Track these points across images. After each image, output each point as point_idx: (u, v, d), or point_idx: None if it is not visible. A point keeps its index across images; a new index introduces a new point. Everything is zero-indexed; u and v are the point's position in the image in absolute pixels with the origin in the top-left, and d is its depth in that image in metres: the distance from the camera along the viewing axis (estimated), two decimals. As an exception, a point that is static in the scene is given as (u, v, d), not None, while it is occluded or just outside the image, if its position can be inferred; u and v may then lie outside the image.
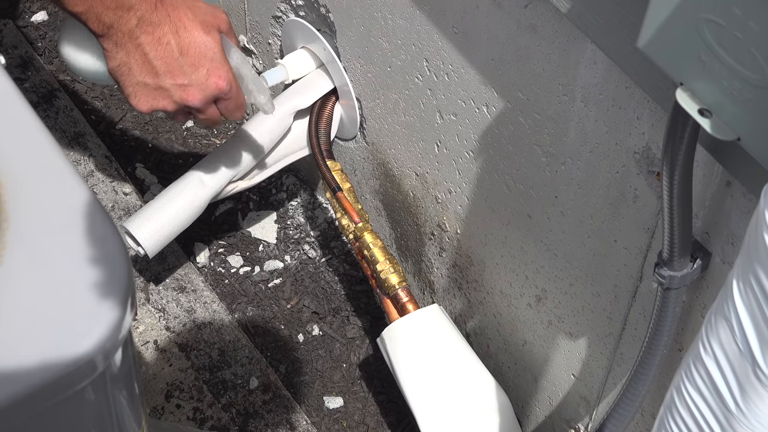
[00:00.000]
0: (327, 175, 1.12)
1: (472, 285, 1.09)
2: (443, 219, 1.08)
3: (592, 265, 0.85)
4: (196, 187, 1.11)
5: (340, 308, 1.29)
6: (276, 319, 1.27)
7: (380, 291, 1.08)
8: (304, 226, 1.36)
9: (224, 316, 1.24)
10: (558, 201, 0.85)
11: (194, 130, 1.45)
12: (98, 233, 0.53)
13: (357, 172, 1.23)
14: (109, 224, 0.55)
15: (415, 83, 0.98)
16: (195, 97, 0.80)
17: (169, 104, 0.80)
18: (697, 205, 0.67)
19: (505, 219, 0.95)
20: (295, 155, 1.19)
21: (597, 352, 0.90)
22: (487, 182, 0.95)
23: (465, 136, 0.95)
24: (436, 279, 1.17)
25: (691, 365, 0.51)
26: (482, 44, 0.85)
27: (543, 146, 0.83)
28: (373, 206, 1.24)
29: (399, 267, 1.07)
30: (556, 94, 0.78)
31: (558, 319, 0.94)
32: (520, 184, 0.89)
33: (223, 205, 1.37)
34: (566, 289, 0.91)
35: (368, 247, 1.07)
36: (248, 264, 1.32)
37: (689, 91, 0.50)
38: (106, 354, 0.50)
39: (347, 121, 1.17)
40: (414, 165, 1.09)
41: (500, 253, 0.99)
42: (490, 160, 0.93)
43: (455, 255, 1.09)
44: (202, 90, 0.80)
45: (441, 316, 1.04)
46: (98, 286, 0.51)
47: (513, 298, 1.01)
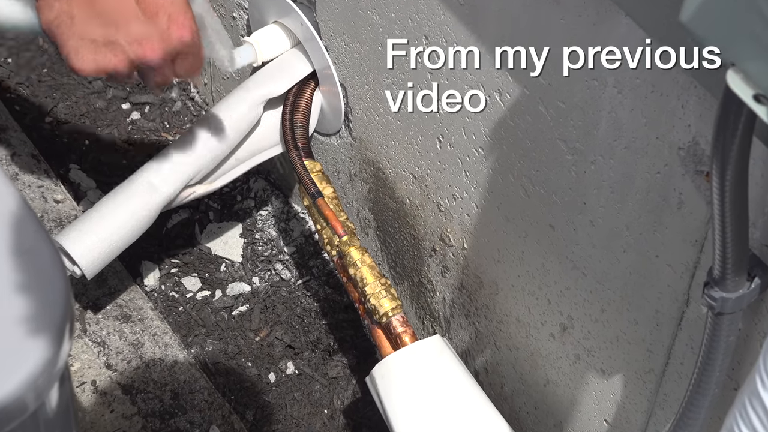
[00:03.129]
0: (305, 178, 1.12)
1: (483, 312, 1.09)
2: (447, 231, 1.08)
3: (629, 287, 0.85)
4: (145, 193, 1.10)
5: (320, 341, 1.29)
6: (242, 355, 1.27)
7: (370, 320, 1.07)
8: (276, 240, 1.36)
9: (178, 351, 1.24)
10: (586, 208, 0.85)
11: (141, 124, 1.46)
12: (28, 247, 0.53)
13: (341, 175, 1.23)
14: (43, 236, 0.55)
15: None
16: (154, 52, 0.77)
17: (121, 62, 0.77)
18: (755, 213, 0.67)
19: (523, 231, 0.95)
20: (266, 154, 1.18)
21: (635, 392, 0.91)
22: (501, 186, 0.95)
23: (473, 130, 0.95)
24: (438, 305, 1.17)
25: (746, 403, 0.51)
26: (493, 18, 0.85)
27: (568, 141, 0.84)
28: (361, 216, 1.23)
29: (393, 290, 1.07)
30: (584, 78, 0.78)
31: (587, 352, 0.95)
32: (540, 188, 0.90)
33: (177, 215, 1.36)
34: (597, 315, 0.91)
35: (355, 265, 1.07)
36: (207, 287, 1.32)
37: (742, 73, 0.49)
38: (39, 392, 0.50)
39: (329, 112, 1.18)
40: (411, 165, 1.09)
41: (516, 273, 0.99)
42: (504, 159, 0.92)
43: (461, 275, 1.09)
44: (163, 42, 0.77)
45: (444, 349, 1.04)
46: (29, 312, 0.51)
47: (532, 327, 1.01)
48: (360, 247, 1.09)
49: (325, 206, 1.10)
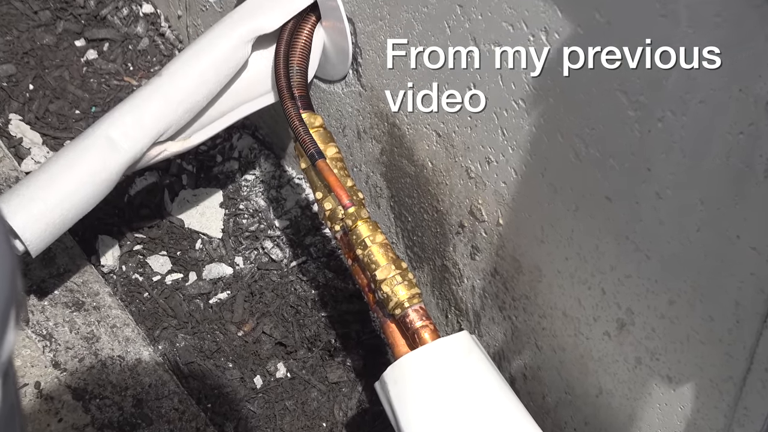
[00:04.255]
0: (302, 135, 1.11)
1: (521, 303, 1.08)
2: (478, 203, 1.07)
3: (703, 274, 0.85)
4: (103, 150, 1.10)
5: (318, 337, 1.28)
6: (221, 353, 1.27)
7: (381, 312, 1.07)
8: (264, 212, 1.35)
9: (142, 347, 1.24)
10: (652, 176, 0.85)
11: (99, 65, 1.46)
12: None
13: (347, 131, 1.22)
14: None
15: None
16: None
17: None
18: None
19: (572, 203, 0.95)
20: (254, 104, 1.18)
21: (709, 405, 0.90)
22: (546, 147, 0.94)
23: (512, 78, 0.94)
24: (466, 294, 1.16)
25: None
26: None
27: (630, 93, 0.83)
28: (372, 183, 1.22)
29: (410, 275, 1.06)
30: (651, 13, 0.78)
31: (650, 355, 0.94)
32: (595, 150, 0.89)
33: (143, 179, 1.35)
34: (663, 309, 0.90)
35: (363, 244, 1.06)
36: (179, 269, 1.31)
37: None
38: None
39: (333, 54, 1.17)
40: (434, 120, 1.08)
41: (564, 255, 0.99)
42: (551, 114, 0.92)
43: (495, 257, 1.09)
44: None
45: (473, 349, 1.03)
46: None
47: (583, 323, 1.01)
48: (370, 221, 1.08)
49: (327, 170, 1.09)
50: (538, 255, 1.03)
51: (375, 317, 1.21)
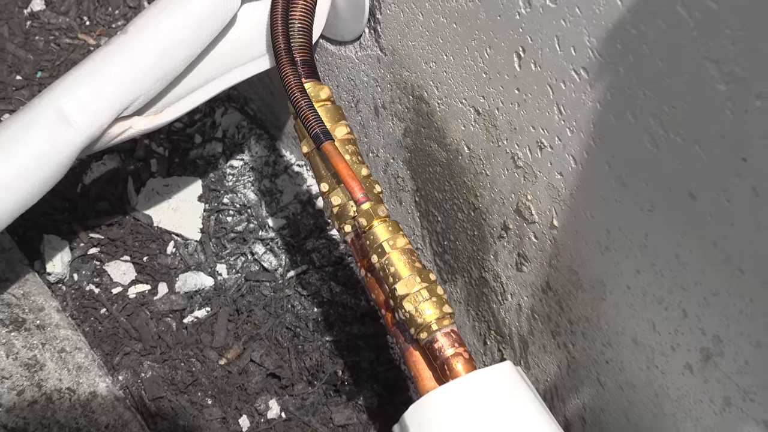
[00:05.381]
0: (304, 111, 1.11)
1: (579, 327, 1.09)
2: (526, 199, 1.08)
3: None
4: (52, 126, 1.11)
5: (321, 367, 1.29)
6: (198, 387, 1.28)
7: (401, 335, 1.08)
8: (255, 207, 1.36)
9: (98, 377, 1.24)
10: (747, 167, 0.84)
11: (46, 18, 1.46)
12: None
13: (361, 106, 1.23)
14: None
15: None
16: None
17: None
18: None
19: (647, 201, 0.95)
20: (243, 71, 1.19)
21: None
22: (614, 129, 0.95)
23: (573, 40, 0.95)
24: (510, 315, 1.17)
25: None
26: None
27: (722, 63, 0.82)
28: (392, 172, 1.23)
29: (439, 289, 1.07)
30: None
31: (743, 394, 0.94)
32: (675, 135, 0.89)
33: (101, 165, 1.37)
34: (761, 337, 0.90)
35: (381, 250, 1.07)
36: (146, 279, 1.33)
37: None
38: None
39: (345, 8, 1.18)
40: (472, 94, 1.09)
41: (634, 266, 1.00)
42: (621, 88, 0.92)
43: (548, 269, 1.10)
44: None
45: (518, 384, 1.04)
46: None
47: (657, 353, 1.01)
48: (389, 220, 1.08)
49: (335, 155, 1.09)
50: (602, 266, 1.03)
51: (394, 343, 1.21)
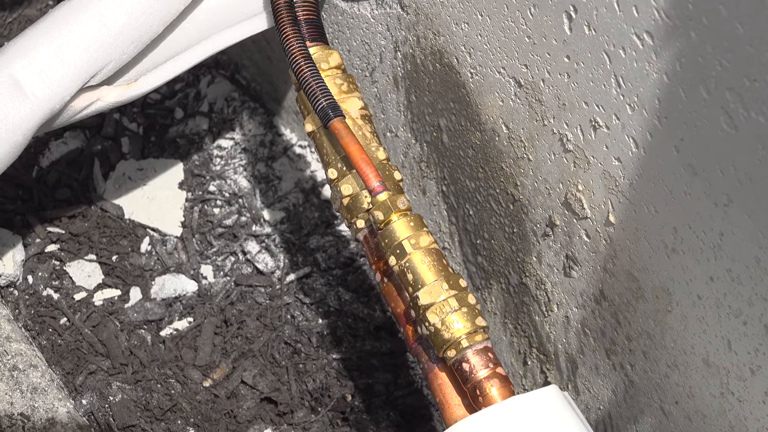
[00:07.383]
0: (309, 81, 1.09)
1: (640, 345, 1.06)
2: (577, 190, 1.05)
3: None
4: (5, 97, 1.09)
5: (326, 391, 1.26)
6: (177, 413, 1.24)
7: (425, 353, 1.04)
8: (247, 197, 1.35)
9: (57, 400, 1.20)
10: None
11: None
12: None
13: (378, 75, 1.22)
14: None
15: None
16: None
17: None
18: None
19: (723, 193, 0.91)
20: (234, 32, 1.17)
21: None
22: (683, 106, 0.91)
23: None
24: (556, 329, 1.14)
25: None
26: None
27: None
28: (414, 155, 1.21)
29: (471, 298, 1.03)
30: None
31: None
32: (757, 114, 0.85)
33: (62, 144, 1.35)
34: None
35: (400, 249, 1.03)
36: (115, 282, 1.31)
37: None
38: None
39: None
40: (512, 62, 1.06)
41: (707, 272, 0.96)
42: (692, 56, 0.88)
43: (603, 274, 1.07)
44: None
45: (564, 412, 1.02)
46: None
47: (734, 377, 0.98)
48: (411, 214, 1.04)
49: (346, 135, 1.05)
50: (668, 271, 1.01)
51: (415, 362, 1.18)
